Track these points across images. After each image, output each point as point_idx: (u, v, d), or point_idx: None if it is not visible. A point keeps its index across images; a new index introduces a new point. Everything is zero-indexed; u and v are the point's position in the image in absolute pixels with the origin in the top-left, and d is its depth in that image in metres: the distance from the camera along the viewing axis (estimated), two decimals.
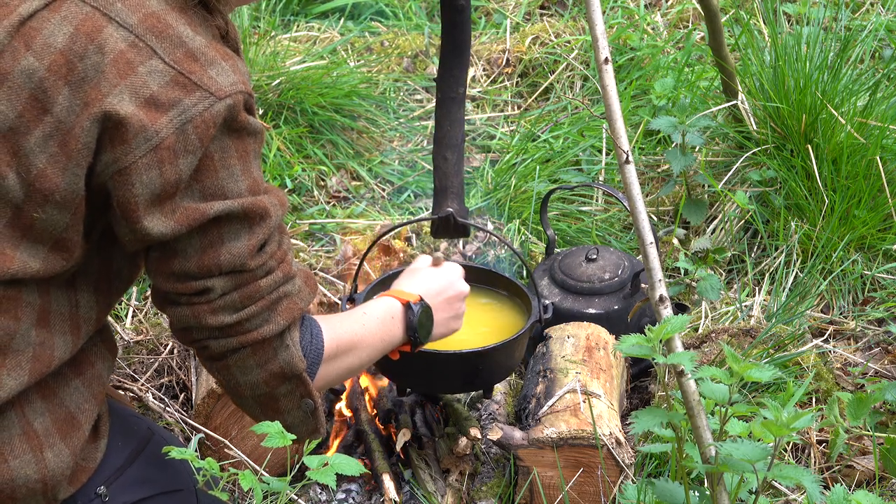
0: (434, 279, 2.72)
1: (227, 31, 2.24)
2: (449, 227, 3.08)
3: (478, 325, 3.04)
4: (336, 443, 3.23)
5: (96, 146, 2.07)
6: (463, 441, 3.06)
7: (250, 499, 3.09)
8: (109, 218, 2.16)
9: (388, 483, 3.03)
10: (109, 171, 2.08)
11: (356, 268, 3.15)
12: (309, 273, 2.32)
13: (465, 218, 3.07)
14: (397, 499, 2.99)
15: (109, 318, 3.56)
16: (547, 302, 3.08)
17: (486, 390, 3.08)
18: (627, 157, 2.09)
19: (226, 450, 3.06)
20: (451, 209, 3.05)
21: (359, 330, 2.48)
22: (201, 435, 2.82)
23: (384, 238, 3.75)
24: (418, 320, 2.58)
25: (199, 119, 2.07)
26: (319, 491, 3.16)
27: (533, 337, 3.30)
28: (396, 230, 3.78)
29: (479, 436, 3.07)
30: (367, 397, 3.29)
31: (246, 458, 2.53)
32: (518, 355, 3.08)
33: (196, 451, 2.55)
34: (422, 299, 2.62)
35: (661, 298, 2.12)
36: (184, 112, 2.07)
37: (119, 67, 2.06)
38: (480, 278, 3.16)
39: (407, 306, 2.59)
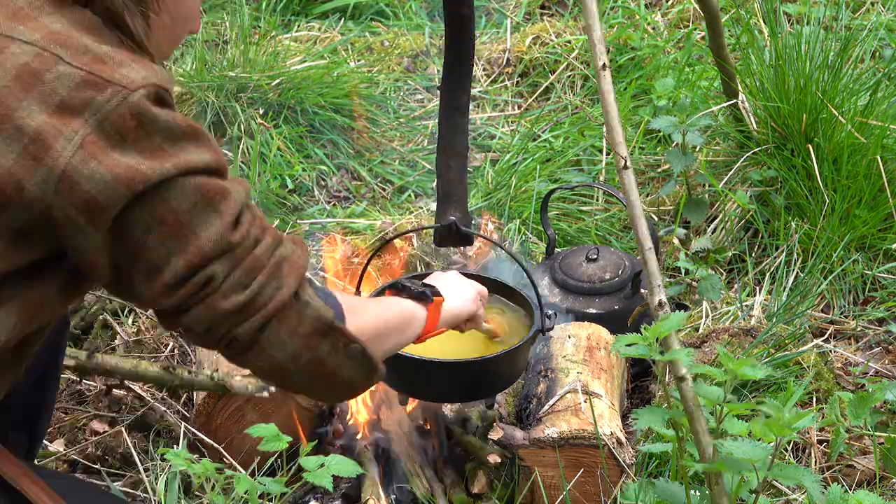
0: (435, 276, 2.74)
1: (145, 49, 2.16)
2: (452, 236, 3.08)
3: (480, 335, 3.03)
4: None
5: (22, 164, 2.00)
6: (482, 479, 3.07)
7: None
8: (69, 247, 2.08)
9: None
10: (52, 185, 2.01)
11: (360, 273, 3.13)
12: (294, 236, 2.28)
13: (468, 226, 3.07)
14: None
15: (109, 318, 3.58)
16: (550, 312, 3.04)
17: (487, 403, 3.07)
18: (626, 163, 2.09)
19: (223, 456, 3.06)
20: (453, 217, 3.05)
21: (367, 299, 2.46)
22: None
23: (384, 235, 3.75)
24: (411, 283, 2.62)
25: (115, 114, 2.02)
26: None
27: None
28: (400, 237, 3.76)
29: (500, 459, 3.05)
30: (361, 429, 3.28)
31: (239, 467, 2.52)
32: (521, 365, 3.04)
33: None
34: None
35: (661, 304, 2.12)
36: (98, 111, 2.01)
37: (23, 81, 2.01)
38: (484, 286, 3.15)
39: (392, 288, 2.62)
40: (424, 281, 2.71)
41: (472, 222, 3.91)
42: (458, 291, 2.77)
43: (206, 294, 2.12)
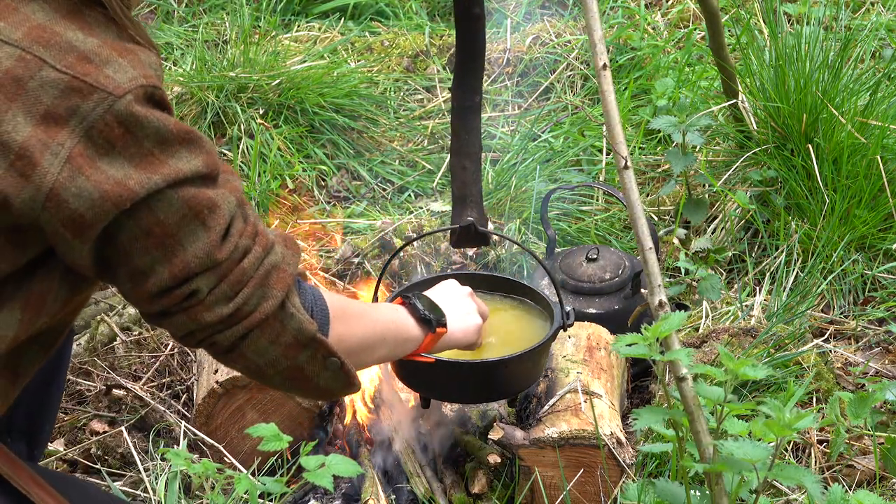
0: (445, 292, 2.75)
1: (129, 26, 2.08)
2: (470, 237, 3.07)
3: (501, 334, 3.02)
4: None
5: (9, 180, 1.96)
6: (482, 479, 3.06)
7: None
8: (57, 251, 2.05)
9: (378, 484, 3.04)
10: (39, 202, 1.97)
11: (376, 283, 3.12)
12: (287, 236, 2.26)
13: (485, 226, 3.07)
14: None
15: (108, 318, 3.58)
16: (569, 308, 3.03)
17: (510, 400, 3.06)
18: (626, 163, 2.09)
19: (224, 456, 3.06)
20: (471, 218, 3.05)
21: (364, 306, 2.46)
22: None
23: (384, 235, 3.75)
24: (422, 303, 2.58)
25: (101, 122, 1.97)
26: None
27: None
28: (420, 238, 3.74)
29: (500, 459, 3.05)
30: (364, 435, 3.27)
31: (241, 466, 2.52)
32: (542, 363, 3.03)
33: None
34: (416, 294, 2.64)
35: (661, 304, 2.12)
36: (84, 119, 1.96)
37: (7, 90, 1.95)
38: (500, 286, 3.14)
39: (404, 298, 2.61)
40: (434, 299, 2.67)
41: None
42: (463, 322, 2.74)
43: (189, 305, 2.11)
